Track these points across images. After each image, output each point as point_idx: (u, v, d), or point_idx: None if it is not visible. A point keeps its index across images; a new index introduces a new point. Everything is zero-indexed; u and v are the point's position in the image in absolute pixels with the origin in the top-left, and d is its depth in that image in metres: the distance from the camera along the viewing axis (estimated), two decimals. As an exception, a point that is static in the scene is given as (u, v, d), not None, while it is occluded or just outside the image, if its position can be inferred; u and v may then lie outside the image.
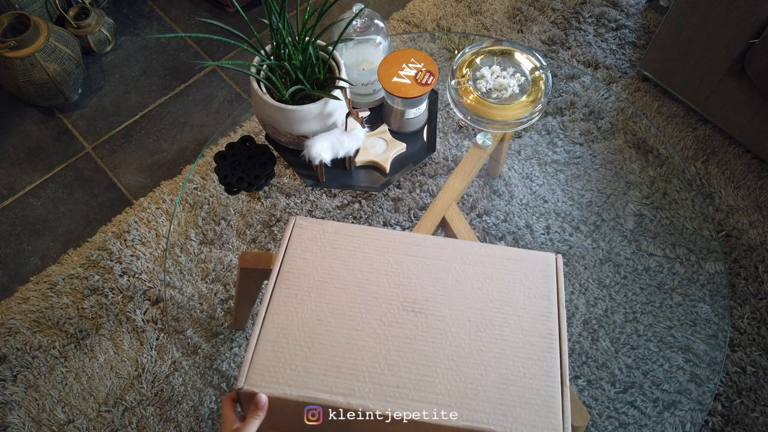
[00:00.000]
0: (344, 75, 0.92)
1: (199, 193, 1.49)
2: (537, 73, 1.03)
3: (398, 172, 1.02)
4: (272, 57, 0.91)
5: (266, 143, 1.03)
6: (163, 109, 1.74)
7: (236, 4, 1.03)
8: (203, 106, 1.75)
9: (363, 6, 0.95)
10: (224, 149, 1.01)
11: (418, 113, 1.02)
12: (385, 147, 1.02)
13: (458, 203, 1.25)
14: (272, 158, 1.01)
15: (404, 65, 0.97)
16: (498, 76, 1.03)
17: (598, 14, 1.87)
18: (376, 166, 1.01)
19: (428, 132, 1.06)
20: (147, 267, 1.45)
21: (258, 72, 0.92)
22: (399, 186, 1.43)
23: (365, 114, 0.93)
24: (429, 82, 0.96)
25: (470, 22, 1.88)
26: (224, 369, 1.25)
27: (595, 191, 1.37)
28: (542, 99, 1.00)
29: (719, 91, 1.52)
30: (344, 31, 0.92)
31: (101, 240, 1.50)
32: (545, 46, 1.82)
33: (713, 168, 1.57)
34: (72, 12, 1.76)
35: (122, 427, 1.26)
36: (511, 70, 1.04)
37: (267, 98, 0.88)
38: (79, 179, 1.62)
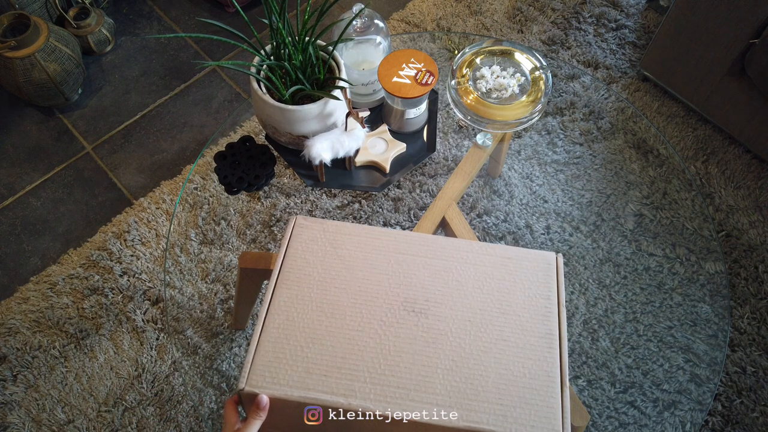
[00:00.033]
0: (344, 75, 0.92)
1: (199, 193, 1.49)
2: (537, 73, 1.03)
3: (398, 172, 1.02)
4: (272, 57, 0.91)
5: (266, 143, 1.03)
6: (163, 109, 1.74)
7: (236, 4, 1.03)
8: (203, 106, 1.74)
9: (363, 6, 0.95)
10: (224, 149, 1.01)
11: (418, 113, 1.02)
12: (385, 147, 1.02)
13: (458, 203, 1.25)
14: (272, 158, 1.01)
15: (404, 65, 0.97)
16: (498, 76, 1.03)
17: (598, 14, 1.87)
18: (376, 166, 1.01)
19: (428, 132, 1.06)
20: (147, 267, 1.45)
21: (258, 72, 0.92)
22: (399, 186, 1.43)
23: (365, 114, 0.93)
24: (429, 82, 0.96)
25: (470, 22, 1.88)
26: (224, 369, 1.25)
27: (595, 191, 1.37)
28: (542, 99, 1.00)
29: (719, 91, 1.52)
30: (344, 31, 0.92)
31: (101, 240, 1.50)
32: (545, 46, 1.82)
33: (713, 168, 1.57)
34: (72, 12, 1.76)
35: (122, 427, 1.26)
36: (511, 70, 1.04)
37: (267, 98, 0.88)
38: (79, 179, 1.62)
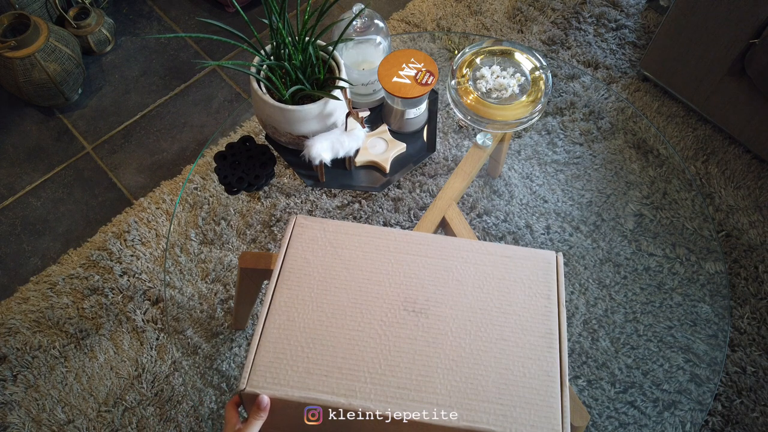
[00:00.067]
0: (344, 75, 0.92)
1: (199, 193, 1.49)
2: (537, 73, 1.03)
3: (398, 172, 1.02)
4: (272, 57, 0.91)
5: (266, 143, 1.03)
6: (163, 109, 1.74)
7: (236, 4, 1.03)
8: (203, 106, 1.74)
9: (363, 6, 0.95)
10: (224, 149, 1.01)
11: (418, 113, 1.02)
12: (385, 147, 1.02)
13: (458, 203, 1.25)
14: (272, 158, 1.01)
15: (404, 65, 0.97)
16: (498, 76, 1.03)
17: (598, 14, 1.87)
18: (376, 166, 1.01)
19: (428, 132, 1.06)
20: (147, 267, 1.45)
21: (258, 72, 0.92)
22: (399, 186, 1.43)
23: (365, 114, 0.93)
24: (429, 82, 0.96)
25: (470, 22, 1.88)
26: (224, 369, 1.25)
27: (595, 191, 1.37)
28: (542, 99, 1.00)
29: (719, 91, 1.52)
30: (344, 31, 0.92)
31: (101, 240, 1.50)
32: (545, 46, 1.82)
33: (713, 168, 1.57)
34: (72, 12, 1.76)
35: (122, 427, 1.26)
36: (511, 70, 1.04)
37: (267, 98, 0.88)
38: (79, 179, 1.62)
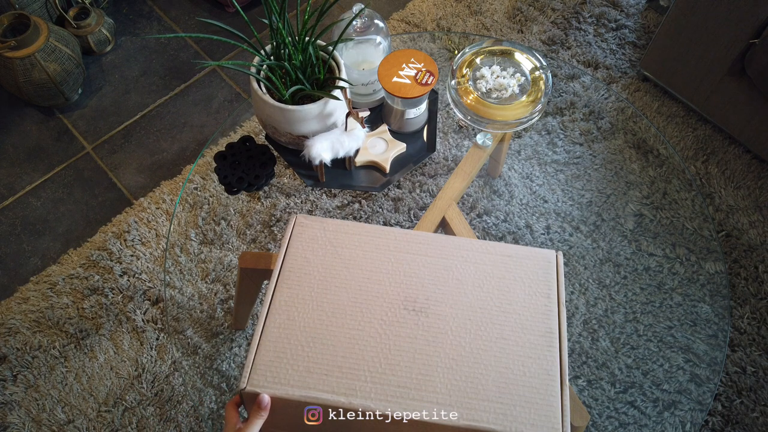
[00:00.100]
0: (344, 75, 0.92)
1: (199, 193, 1.49)
2: (537, 73, 1.03)
3: (398, 172, 1.02)
4: (272, 57, 0.91)
5: (266, 143, 1.03)
6: (163, 109, 1.74)
7: (236, 4, 1.03)
8: (203, 106, 1.75)
9: (363, 6, 0.95)
10: (224, 149, 1.01)
11: (418, 113, 1.02)
12: (385, 147, 1.02)
13: (458, 203, 1.25)
14: (272, 158, 1.01)
15: (404, 65, 0.97)
16: (498, 76, 1.03)
17: (598, 14, 1.87)
18: (376, 166, 1.01)
19: (428, 132, 1.06)
20: (147, 267, 1.45)
21: (258, 72, 0.92)
22: (399, 186, 1.43)
23: (365, 114, 0.93)
24: (429, 82, 0.96)
25: (470, 22, 1.88)
26: (224, 369, 1.25)
27: (595, 191, 1.37)
28: (542, 99, 1.00)
29: (719, 91, 1.52)
30: (344, 31, 0.92)
31: (101, 240, 1.50)
32: (545, 46, 1.82)
33: (713, 168, 1.57)
34: (72, 12, 1.76)
35: (122, 427, 1.26)
36: (511, 70, 1.04)
37: (267, 98, 0.88)
38: (79, 179, 1.62)
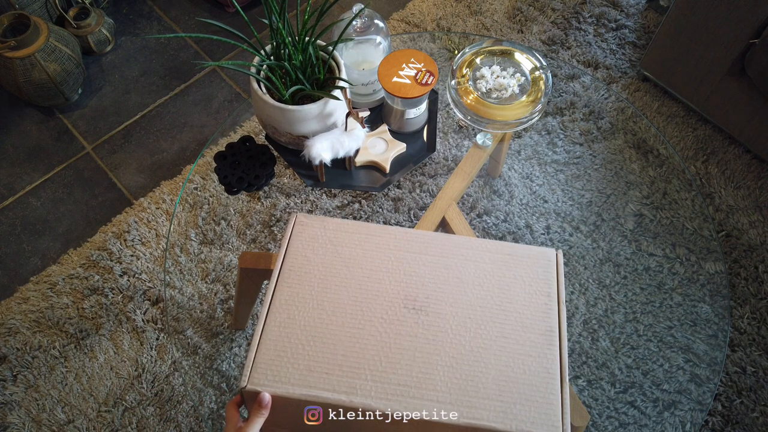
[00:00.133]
0: (344, 75, 0.92)
1: (199, 193, 1.49)
2: (537, 73, 1.04)
3: (398, 172, 1.02)
4: (272, 57, 0.91)
5: (266, 143, 1.03)
6: (163, 109, 1.74)
7: (236, 4, 1.03)
8: (203, 106, 1.75)
9: (363, 6, 0.95)
10: (224, 149, 1.01)
11: (418, 113, 1.02)
12: (385, 147, 1.02)
13: (458, 203, 1.25)
14: (272, 158, 1.01)
15: (404, 65, 0.97)
16: (498, 76, 1.03)
17: (598, 14, 1.87)
18: (376, 166, 1.01)
19: (428, 132, 1.06)
20: (147, 267, 1.45)
21: (258, 72, 0.92)
22: (399, 186, 1.43)
23: (365, 114, 0.93)
24: (429, 82, 0.96)
25: (470, 22, 1.88)
26: (224, 369, 1.25)
27: (595, 191, 1.37)
28: (542, 99, 1.00)
29: (719, 91, 1.52)
30: (344, 31, 0.92)
31: (101, 240, 1.50)
32: (545, 46, 1.82)
33: (713, 168, 1.57)
34: (72, 12, 1.76)
35: (122, 427, 1.26)
36: (511, 70, 1.04)
37: (267, 98, 0.88)
38: (79, 179, 1.62)
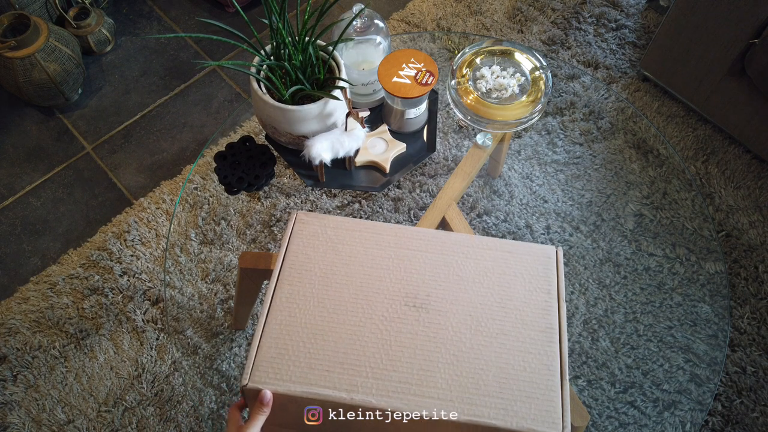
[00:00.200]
0: (344, 75, 0.92)
1: (199, 193, 1.49)
2: (537, 73, 1.04)
3: (398, 172, 1.02)
4: (272, 57, 0.91)
5: (266, 143, 1.03)
6: (163, 109, 1.74)
7: (236, 4, 1.03)
8: (203, 106, 1.75)
9: (363, 6, 0.95)
10: (224, 149, 1.01)
11: (418, 113, 1.02)
12: (385, 147, 1.02)
13: (458, 203, 1.25)
14: (272, 158, 1.01)
15: (404, 65, 0.97)
16: (498, 76, 1.03)
17: (598, 14, 1.87)
18: (376, 166, 1.01)
19: (428, 132, 1.07)
20: (147, 267, 1.45)
21: (258, 72, 0.92)
22: (399, 186, 1.43)
23: (365, 114, 0.93)
24: (429, 82, 0.96)
25: (470, 22, 1.88)
26: (224, 369, 1.25)
27: (595, 191, 1.37)
28: (542, 99, 1.01)
29: (719, 91, 1.52)
30: (344, 31, 0.92)
31: (101, 240, 1.50)
32: (545, 46, 1.82)
33: (713, 168, 1.58)
34: (72, 12, 1.76)
35: (122, 427, 1.26)
36: (511, 70, 1.04)
37: (267, 98, 0.88)
38: (79, 179, 1.62)
